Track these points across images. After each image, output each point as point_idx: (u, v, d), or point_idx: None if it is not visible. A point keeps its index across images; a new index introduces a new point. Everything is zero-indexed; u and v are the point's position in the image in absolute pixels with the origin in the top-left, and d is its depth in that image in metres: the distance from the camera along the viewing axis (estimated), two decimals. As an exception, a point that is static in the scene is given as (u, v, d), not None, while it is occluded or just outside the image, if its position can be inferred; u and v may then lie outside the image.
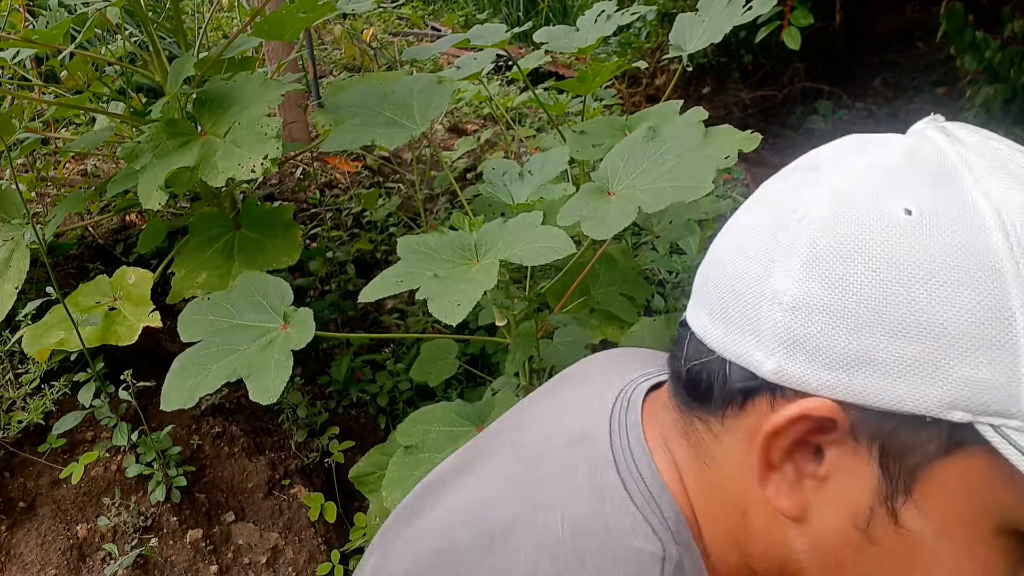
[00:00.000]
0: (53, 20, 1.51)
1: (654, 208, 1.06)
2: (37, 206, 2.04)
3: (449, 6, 5.77)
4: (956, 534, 0.41)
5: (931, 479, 0.40)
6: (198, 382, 1.12)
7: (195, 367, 1.14)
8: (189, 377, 1.13)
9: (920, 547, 0.42)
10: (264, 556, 1.46)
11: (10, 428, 1.44)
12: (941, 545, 0.42)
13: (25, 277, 1.50)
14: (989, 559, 0.42)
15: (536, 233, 1.10)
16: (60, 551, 1.35)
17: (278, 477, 1.61)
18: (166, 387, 1.13)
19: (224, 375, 1.11)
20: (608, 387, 0.56)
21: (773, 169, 0.50)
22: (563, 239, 1.05)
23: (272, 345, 1.14)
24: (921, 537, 0.42)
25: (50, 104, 1.74)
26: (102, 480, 1.46)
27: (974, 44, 2.91)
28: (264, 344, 1.15)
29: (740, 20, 1.38)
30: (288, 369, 1.10)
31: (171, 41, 2.34)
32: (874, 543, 0.43)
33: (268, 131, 1.30)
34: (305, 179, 2.43)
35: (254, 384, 1.10)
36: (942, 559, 0.42)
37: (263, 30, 1.45)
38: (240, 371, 1.11)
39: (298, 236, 1.55)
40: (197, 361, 1.14)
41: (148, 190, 1.31)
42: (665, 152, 1.15)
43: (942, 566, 0.42)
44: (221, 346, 1.15)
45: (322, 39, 3.74)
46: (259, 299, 1.21)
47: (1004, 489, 0.39)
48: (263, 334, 1.17)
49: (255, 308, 1.20)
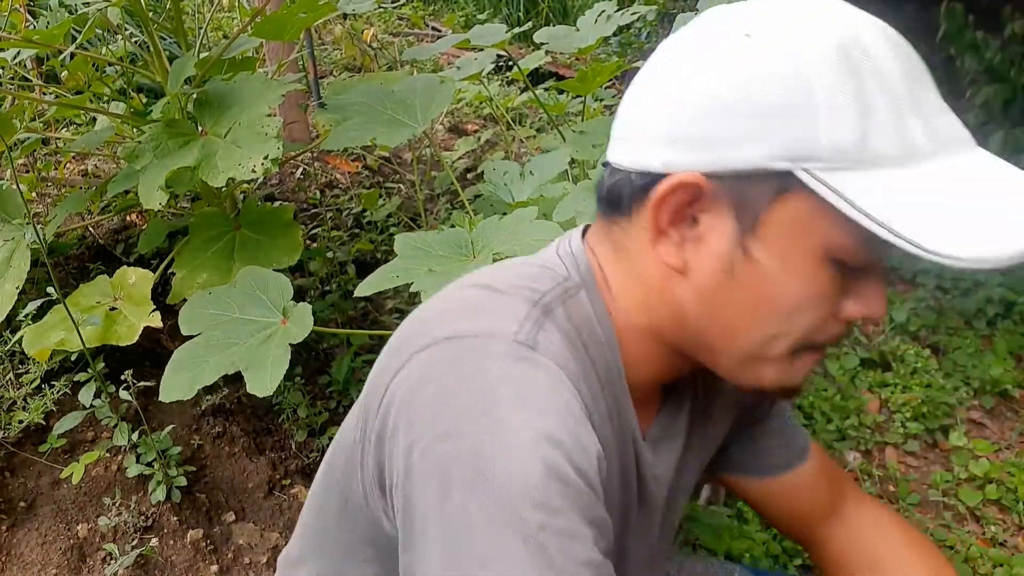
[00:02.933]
0: (54, 20, 1.52)
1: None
2: (38, 206, 2.04)
3: (449, 6, 5.76)
4: (793, 263, 0.55)
5: (770, 219, 0.54)
6: (197, 374, 1.12)
7: (194, 359, 1.15)
8: (188, 369, 1.14)
9: (771, 278, 0.56)
10: (265, 556, 1.46)
11: (10, 428, 1.44)
12: (783, 274, 0.56)
13: (26, 277, 1.50)
14: (820, 284, 0.55)
15: (530, 227, 1.11)
16: (60, 551, 1.35)
17: (279, 477, 1.61)
18: (165, 378, 1.14)
19: (223, 367, 1.12)
20: None
21: None
22: (556, 232, 1.06)
23: (271, 339, 1.15)
24: (769, 268, 0.56)
25: (51, 104, 1.75)
26: (102, 480, 1.46)
27: (974, 45, 2.91)
28: (263, 338, 1.16)
29: (740, 20, 1.38)
30: (285, 363, 1.11)
31: (171, 41, 2.34)
32: (738, 282, 0.57)
33: (269, 131, 1.31)
34: (305, 179, 2.43)
35: (251, 377, 1.11)
36: (787, 285, 0.56)
37: (263, 30, 1.45)
38: (238, 363, 1.12)
39: (298, 236, 1.55)
40: (196, 353, 1.15)
41: (149, 190, 1.31)
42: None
43: (788, 290, 0.56)
44: (221, 339, 1.17)
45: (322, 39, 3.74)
46: (260, 294, 1.21)
47: (824, 222, 0.52)
48: (262, 328, 1.18)
49: (256, 303, 1.21)
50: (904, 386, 2.47)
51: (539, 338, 0.57)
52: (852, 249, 0.53)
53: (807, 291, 0.56)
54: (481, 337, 0.57)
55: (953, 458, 2.23)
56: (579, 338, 0.61)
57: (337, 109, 1.43)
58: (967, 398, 2.47)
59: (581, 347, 0.61)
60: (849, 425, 2.31)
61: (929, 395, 2.40)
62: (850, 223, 0.51)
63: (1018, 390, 2.52)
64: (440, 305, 0.64)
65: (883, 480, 2.15)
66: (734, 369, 0.62)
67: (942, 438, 2.32)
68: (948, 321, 2.85)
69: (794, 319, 0.57)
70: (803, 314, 0.57)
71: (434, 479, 0.51)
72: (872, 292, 0.57)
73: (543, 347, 0.57)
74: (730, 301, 0.59)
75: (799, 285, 0.56)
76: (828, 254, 0.54)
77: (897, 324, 2.75)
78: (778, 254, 0.55)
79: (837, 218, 0.51)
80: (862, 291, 0.57)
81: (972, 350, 2.66)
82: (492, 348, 0.56)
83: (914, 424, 2.33)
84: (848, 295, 0.57)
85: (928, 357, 2.61)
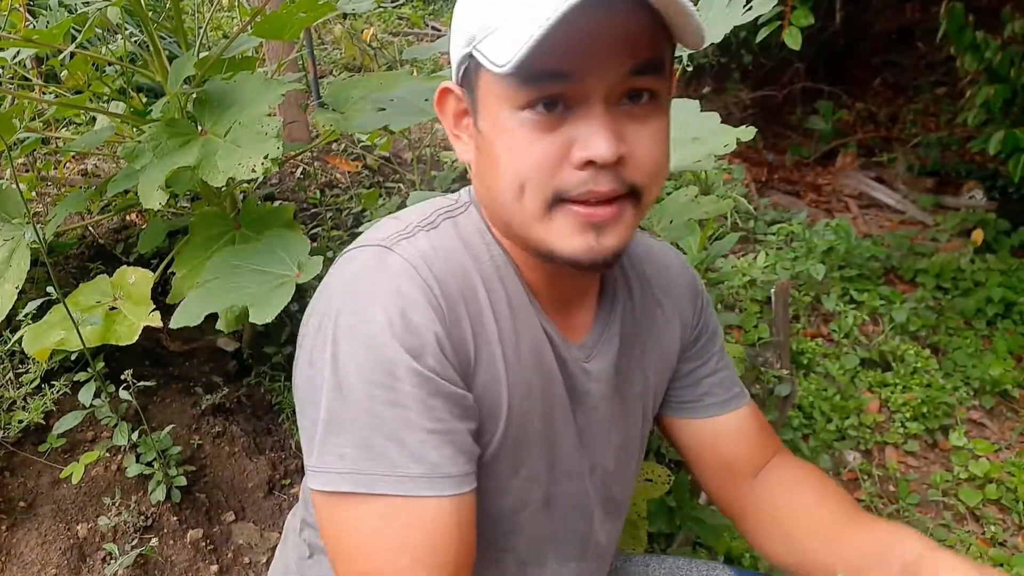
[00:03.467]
0: (53, 20, 1.51)
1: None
2: (37, 206, 2.04)
3: (449, 6, 5.76)
4: (497, 121, 0.66)
5: (478, 96, 0.69)
6: (206, 303, 1.25)
7: (207, 295, 1.28)
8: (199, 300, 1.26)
9: (491, 139, 0.68)
10: (264, 556, 1.46)
11: (10, 428, 1.44)
12: (495, 132, 0.67)
13: (25, 277, 1.50)
14: (523, 132, 0.65)
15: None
16: (60, 551, 1.35)
17: (278, 477, 1.61)
18: (178, 311, 1.27)
19: (231, 301, 1.25)
20: None
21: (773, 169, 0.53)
22: None
23: (282, 287, 1.27)
24: (488, 132, 0.68)
25: (50, 104, 1.74)
26: (102, 480, 1.46)
27: (974, 44, 2.91)
28: (275, 286, 1.28)
29: (740, 20, 1.38)
30: (288, 297, 1.23)
31: (171, 41, 2.34)
32: (483, 155, 0.70)
33: (268, 131, 1.30)
34: (305, 179, 2.43)
35: (255, 310, 1.22)
36: (500, 139, 0.67)
37: (263, 30, 1.45)
38: (246, 300, 1.24)
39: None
40: (210, 290, 1.28)
41: (148, 190, 1.31)
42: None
43: (503, 142, 0.67)
44: (238, 284, 1.29)
45: (322, 39, 3.74)
46: (281, 253, 1.34)
47: (496, 84, 0.65)
48: (276, 279, 1.30)
49: (275, 260, 1.34)
50: (904, 386, 2.47)
51: (400, 243, 0.71)
52: (504, 93, 0.65)
53: (514, 140, 0.65)
54: (355, 248, 0.73)
55: (953, 458, 2.23)
56: (464, 247, 0.73)
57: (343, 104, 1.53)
58: (967, 398, 2.47)
59: (464, 253, 0.73)
60: (849, 425, 2.31)
61: (929, 395, 2.40)
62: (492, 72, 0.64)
63: (1018, 390, 2.52)
64: None
65: (883, 480, 2.15)
66: (525, 237, 0.70)
67: (942, 438, 2.32)
68: (948, 321, 2.85)
69: (520, 167, 0.66)
70: (522, 160, 0.65)
71: (304, 355, 0.70)
72: (589, 133, 0.63)
73: (401, 248, 0.70)
74: (486, 173, 0.71)
75: (507, 138, 0.66)
76: (513, 106, 0.65)
77: (897, 324, 2.75)
78: (488, 118, 0.68)
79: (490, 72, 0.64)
80: (580, 134, 0.64)
81: (972, 350, 2.66)
82: (357, 255, 0.72)
83: (914, 424, 2.33)
84: (573, 141, 0.64)
85: (928, 357, 2.61)
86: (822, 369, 2.53)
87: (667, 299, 0.90)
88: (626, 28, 0.62)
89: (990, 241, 3.41)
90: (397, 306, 0.66)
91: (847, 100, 4.88)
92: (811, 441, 2.20)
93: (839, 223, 3.42)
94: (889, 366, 2.60)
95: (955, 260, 3.18)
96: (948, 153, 4.46)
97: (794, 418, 2.22)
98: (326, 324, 0.67)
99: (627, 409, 0.86)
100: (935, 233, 3.68)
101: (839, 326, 2.74)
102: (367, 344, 0.65)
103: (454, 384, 0.68)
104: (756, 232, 3.47)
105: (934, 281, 3.11)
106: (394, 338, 0.65)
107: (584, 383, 0.80)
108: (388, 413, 0.64)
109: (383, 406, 0.64)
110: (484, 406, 0.72)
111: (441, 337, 0.67)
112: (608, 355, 0.82)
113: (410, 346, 0.65)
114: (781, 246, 3.29)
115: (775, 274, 2.80)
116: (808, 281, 2.96)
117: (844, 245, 3.21)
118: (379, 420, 0.64)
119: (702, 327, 0.93)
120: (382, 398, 0.64)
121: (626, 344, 0.84)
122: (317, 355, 0.67)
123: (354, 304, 0.67)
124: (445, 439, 0.66)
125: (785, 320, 2.34)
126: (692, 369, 0.93)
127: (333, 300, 0.69)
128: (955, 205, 4.01)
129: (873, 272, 3.15)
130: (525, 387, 0.74)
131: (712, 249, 2.45)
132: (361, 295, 0.67)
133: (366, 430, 0.64)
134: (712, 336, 0.95)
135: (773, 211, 3.78)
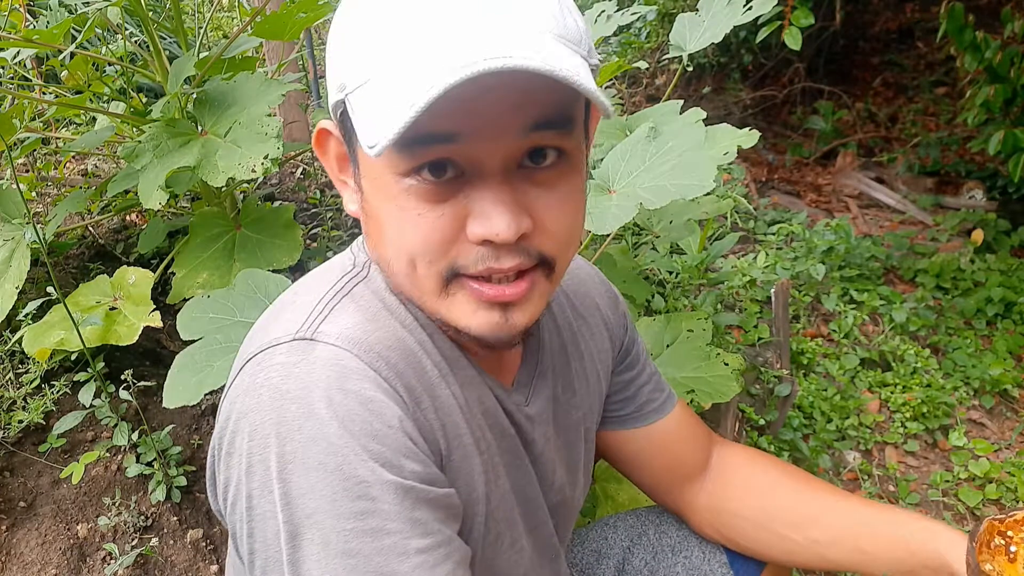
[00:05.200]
0: (53, 20, 1.51)
1: (655, 205, 1.07)
2: (38, 206, 2.04)
3: (449, 6, 5.76)
4: (380, 186, 0.56)
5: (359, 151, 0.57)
6: (202, 378, 1.12)
7: (198, 364, 1.14)
8: (192, 374, 1.13)
9: (374, 203, 0.58)
10: (264, 556, 1.46)
11: (10, 428, 1.44)
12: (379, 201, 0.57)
13: (25, 277, 1.50)
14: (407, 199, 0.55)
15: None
16: (60, 551, 1.35)
17: (278, 477, 1.61)
18: (168, 384, 1.13)
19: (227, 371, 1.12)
20: None
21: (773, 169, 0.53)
22: None
23: None
24: (373, 199, 0.58)
25: (51, 104, 1.74)
26: (102, 480, 1.46)
27: (974, 44, 2.91)
28: None
29: (740, 20, 1.38)
30: None
31: (171, 41, 2.34)
32: (368, 216, 0.60)
33: (269, 131, 1.31)
34: (305, 179, 2.43)
35: None
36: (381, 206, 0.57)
37: (263, 30, 1.45)
38: None
39: (298, 236, 1.55)
40: (199, 358, 1.15)
41: (148, 190, 1.31)
42: (667, 151, 1.15)
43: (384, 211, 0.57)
44: (223, 343, 1.16)
45: (322, 39, 3.73)
46: (260, 296, 1.20)
47: None
48: None
49: (255, 305, 1.20)
50: (904, 386, 2.47)
51: (322, 327, 0.59)
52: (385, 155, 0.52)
53: (399, 210, 0.55)
54: (264, 350, 0.60)
55: (953, 458, 2.23)
56: (388, 312, 0.63)
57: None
58: (967, 398, 2.47)
59: (391, 318, 0.62)
60: (849, 425, 2.31)
61: (929, 395, 2.40)
62: None
63: (1018, 390, 2.52)
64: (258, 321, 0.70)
65: (883, 480, 2.15)
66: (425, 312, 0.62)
67: (942, 438, 2.32)
68: (948, 321, 2.85)
69: (406, 242, 0.56)
70: (408, 234, 0.56)
71: (238, 505, 0.57)
72: (485, 207, 0.53)
73: (323, 333, 0.59)
74: (374, 238, 0.61)
75: (391, 207, 0.56)
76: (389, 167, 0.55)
77: (897, 324, 2.75)
78: (369, 179, 0.57)
79: None
80: (475, 207, 0.54)
81: (972, 350, 2.66)
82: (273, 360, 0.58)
83: (914, 424, 2.33)
84: (468, 213, 0.54)
85: (928, 357, 2.61)
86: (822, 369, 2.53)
87: (590, 313, 0.85)
88: (525, 83, 0.49)
89: (990, 241, 3.41)
90: (346, 408, 0.54)
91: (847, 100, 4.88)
92: (811, 441, 2.20)
93: (839, 223, 3.42)
94: (889, 366, 2.60)
95: (955, 260, 3.18)
96: (948, 153, 4.46)
97: (794, 418, 2.22)
98: (260, 461, 0.54)
99: (569, 438, 0.81)
100: (935, 233, 3.68)
101: (839, 326, 2.74)
102: (325, 469, 0.52)
103: (436, 484, 0.58)
104: (756, 232, 3.47)
105: (934, 281, 3.11)
106: (359, 451, 0.53)
107: (530, 431, 0.73)
108: (370, 547, 0.52)
109: (362, 540, 0.52)
110: (462, 492, 0.63)
111: (409, 429, 0.56)
112: (544, 390, 0.75)
113: (380, 454, 0.53)
114: (781, 246, 3.29)
115: (775, 274, 2.80)
116: (808, 281, 2.97)
117: (844, 245, 3.21)
118: (360, 560, 0.51)
119: (630, 335, 0.90)
120: (360, 530, 0.52)
121: (559, 371, 0.78)
122: (259, 504, 0.54)
123: (291, 423, 0.53)
124: (440, 554, 0.55)
125: (785, 320, 2.34)
126: (630, 380, 0.90)
127: (260, 427, 0.55)
128: (955, 205, 4.01)
129: (873, 272, 3.15)
130: (489, 452, 0.67)
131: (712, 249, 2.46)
132: (296, 409, 0.54)
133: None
134: (637, 341, 0.92)
135: (773, 211, 3.78)
